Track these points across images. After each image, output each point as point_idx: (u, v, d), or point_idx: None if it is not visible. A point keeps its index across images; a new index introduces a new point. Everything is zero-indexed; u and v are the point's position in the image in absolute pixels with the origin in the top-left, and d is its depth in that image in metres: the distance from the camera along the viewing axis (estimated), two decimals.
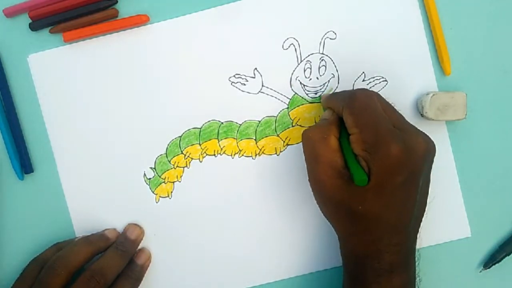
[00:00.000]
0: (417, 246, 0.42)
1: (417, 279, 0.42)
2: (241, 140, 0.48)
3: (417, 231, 0.42)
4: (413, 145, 0.39)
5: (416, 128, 0.41)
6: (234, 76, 0.48)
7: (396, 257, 0.40)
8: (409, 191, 0.40)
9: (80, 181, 0.49)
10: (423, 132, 0.41)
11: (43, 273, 0.43)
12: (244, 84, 0.48)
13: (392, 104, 0.42)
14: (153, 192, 0.49)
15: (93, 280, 0.43)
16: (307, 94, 0.48)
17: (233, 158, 0.49)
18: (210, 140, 0.48)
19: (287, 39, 0.48)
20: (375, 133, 0.38)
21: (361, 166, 0.39)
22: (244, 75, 0.48)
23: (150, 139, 0.48)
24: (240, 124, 0.48)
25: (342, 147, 0.41)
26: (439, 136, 0.48)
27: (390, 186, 0.38)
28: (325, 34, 0.48)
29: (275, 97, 0.48)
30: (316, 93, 0.48)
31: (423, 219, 0.42)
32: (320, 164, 0.40)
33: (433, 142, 0.41)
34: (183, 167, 0.49)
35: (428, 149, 0.40)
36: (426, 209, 0.42)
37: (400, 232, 0.40)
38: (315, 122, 0.48)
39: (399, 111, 0.42)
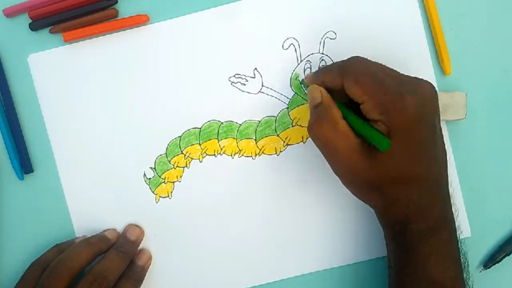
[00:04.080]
0: None
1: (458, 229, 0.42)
2: (241, 140, 0.49)
3: (447, 179, 0.42)
4: (422, 92, 0.39)
5: (414, 77, 0.41)
6: (234, 76, 0.48)
7: (438, 212, 0.40)
8: (432, 142, 0.40)
9: (80, 181, 0.49)
10: (421, 78, 0.41)
11: (45, 276, 0.43)
12: (244, 84, 0.48)
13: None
14: (153, 192, 0.49)
15: (95, 283, 0.43)
16: (306, 94, 0.48)
17: (233, 158, 0.49)
18: (210, 140, 0.48)
19: (287, 39, 0.48)
20: (385, 93, 0.38)
21: (380, 131, 0.39)
22: (244, 75, 0.48)
23: (150, 139, 0.48)
24: (240, 124, 0.48)
25: (351, 122, 0.40)
26: None
27: (414, 140, 0.38)
28: (325, 34, 0.48)
29: (275, 97, 0.48)
30: None
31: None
32: (341, 154, 0.40)
33: (431, 83, 0.41)
34: (183, 167, 0.49)
35: (435, 93, 0.40)
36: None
37: (435, 186, 0.40)
38: None
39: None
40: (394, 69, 0.41)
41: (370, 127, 0.39)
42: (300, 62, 0.48)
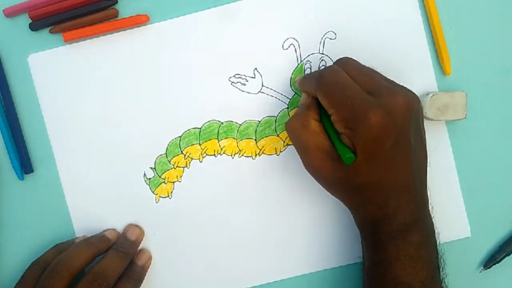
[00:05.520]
0: None
1: (437, 232, 0.42)
2: (241, 140, 0.49)
3: (425, 185, 0.42)
4: (393, 106, 0.39)
5: (394, 87, 0.41)
6: (234, 76, 0.48)
7: (407, 216, 0.40)
8: (402, 152, 0.40)
9: (80, 181, 0.49)
10: (402, 88, 0.41)
11: (45, 276, 0.43)
12: (244, 84, 0.48)
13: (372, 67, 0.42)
14: (153, 192, 0.49)
15: (95, 283, 0.43)
16: None
17: (233, 158, 0.49)
18: (210, 140, 0.48)
19: (287, 39, 0.48)
20: (350, 108, 0.39)
21: (346, 143, 0.39)
22: (244, 75, 0.48)
23: (150, 139, 0.48)
24: (240, 124, 0.48)
25: (325, 128, 0.41)
26: (439, 136, 0.48)
27: (380, 153, 0.39)
28: (325, 34, 0.48)
29: (275, 97, 0.48)
30: None
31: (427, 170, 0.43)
32: (309, 151, 0.41)
33: (413, 94, 0.41)
34: (183, 167, 0.49)
35: (409, 105, 0.40)
36: (428, 160, 0.42)
37: (405, 192, 0.40)
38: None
39: (377, 70, 0.42)
40: (376, 76, 0.41)
41: (338, 139, 0.40)
42: (300, 62, 0.48)
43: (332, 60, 0.48)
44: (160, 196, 0.49)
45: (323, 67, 0.48)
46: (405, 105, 0.39)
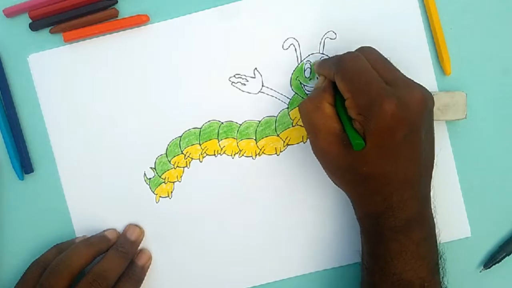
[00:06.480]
0: None
1: (437, 231, 0.42)
2: (241, 140, 0.49)
3: (429, 183, 0.42)
4: (408, 99, 0.39)
5: (411, 81, 0.41)
6: (234, 76, 0.48)
7: (410, 212, 0.40)
8: (412, 146, 0.40)
9: (80, 181, 0.49)
10: (418, 84, 0.41)
11: (45, 276, 0.43)
12: (244, 84, 0.48)
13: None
14: (153, 192, 0.49)
15: (95, 283, 0.43)
16: (307, 94, 0.48)
17: (233, 158, 0.49)
18: (210, 140, 0.49)
19: (287, 39, 0.48)
20: (367, 95, 0.38)
21: (357, 130, 0.39)
22: (244, 75, 0.48)
23: (150, 139, 0.48)
24: (240, 124, 0.48)
25: (338, 113, 0.41)
26: (439, 136, 0.48)
27: (391, 144, 0.39)
28: (325, 34, 0.48)
29: (275, 97, 0.48)
30: None
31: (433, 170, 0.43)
32: (319, 133, 0.41)
33: (428, 92, 0.41)
34: (183, 167, 0.49)
35: (424, 101, 0.40)
36: (435, 159, 0.42)
37: (410, 187, 0.40)
38: None
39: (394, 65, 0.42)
40: (394, 69, 0.42)
41: (350, 124, 0.40)
42: (300, 62, 0.48)
43: None
44: (160, 196, 0.49)
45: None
46: (421, 101, 0.39)
